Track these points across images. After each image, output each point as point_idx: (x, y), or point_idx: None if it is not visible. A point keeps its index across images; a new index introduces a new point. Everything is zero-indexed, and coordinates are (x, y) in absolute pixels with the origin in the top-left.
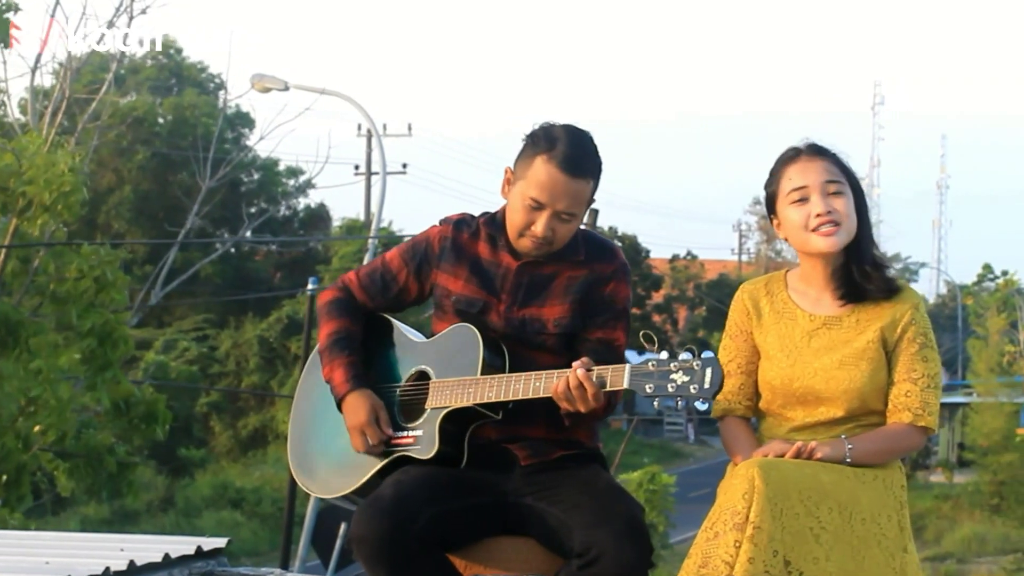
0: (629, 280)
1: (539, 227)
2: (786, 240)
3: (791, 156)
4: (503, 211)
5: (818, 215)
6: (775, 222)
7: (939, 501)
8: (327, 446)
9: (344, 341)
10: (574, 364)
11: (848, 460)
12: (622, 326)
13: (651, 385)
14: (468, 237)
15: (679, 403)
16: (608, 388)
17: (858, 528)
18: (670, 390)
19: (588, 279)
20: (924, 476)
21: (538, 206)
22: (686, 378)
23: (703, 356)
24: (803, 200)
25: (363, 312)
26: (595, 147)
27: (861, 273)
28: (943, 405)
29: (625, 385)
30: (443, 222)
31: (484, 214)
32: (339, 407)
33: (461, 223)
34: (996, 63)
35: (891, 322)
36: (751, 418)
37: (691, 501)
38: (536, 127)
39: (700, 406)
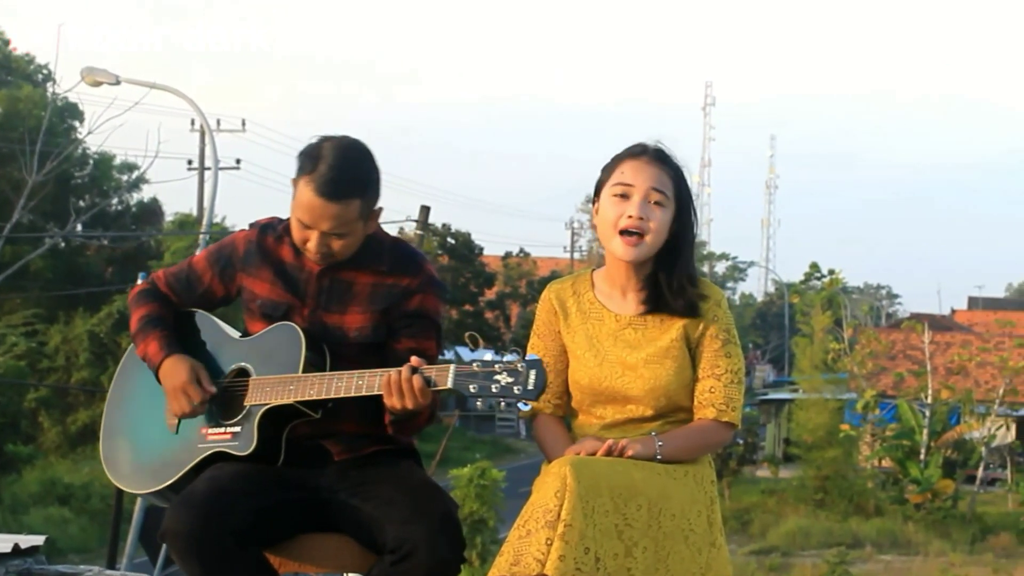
0: (438, 291)
1: (311, 245)
2: (593, 229)
3: (635, 152)
4: None
5: (630, 216)
6: (595, 207)
7: (765, 496)
8: (144, 442)
9: (156, 320)
10: (412, 360)
11: (659, 457)
12: (434, 336)
13: (475, 385)
14: (273, 241)
15: (502, 403)
16: (433, 388)
17: (666, 524)
18: (494, 390)
19: (392, 291)
20: (751, 471)
21: (306, 226)
22: (510, 379)
23: (528, 358)
24: (624, 197)
25: (172, 304)
26: (364, 164)
27: (672, 289)
28: (770, 401)
29: (449, 385)
30: (251, 226)
31: (289, 219)
32: (156, 376)
33: (267, 227)
34: (824, 67)
35: (694, 319)
36: (563, 416)
37: (521, 496)
38: (311, 141)
39: (523, 407)
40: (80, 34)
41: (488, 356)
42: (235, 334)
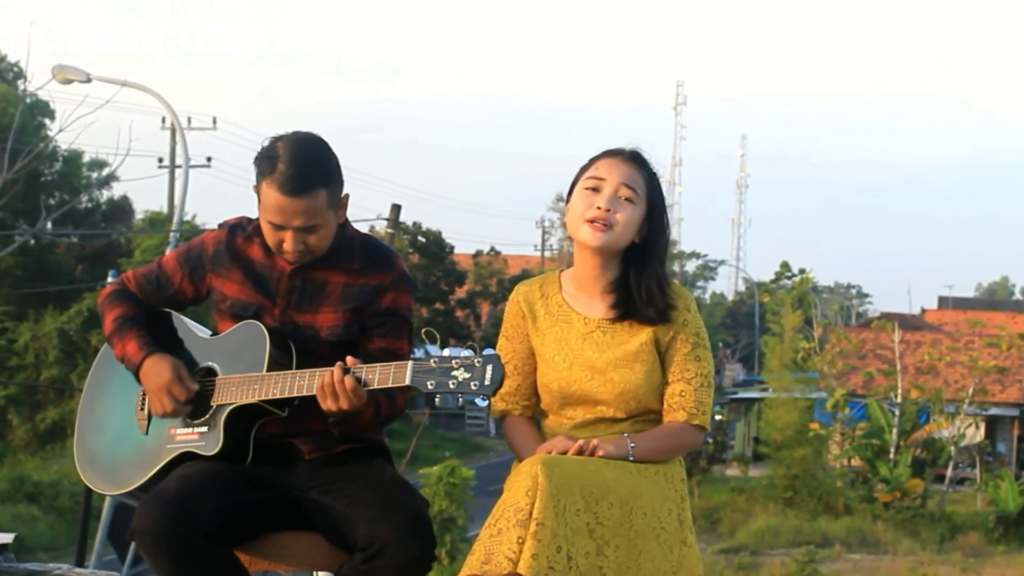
0: (409, 288)
1: (287, 245)
2: (564, 227)
3: (612, 152)
4: None
5: (598, 208)
6: (567, 205)
7: (734, 494)
8: (114, 443)
9: (132, 320)
10: (347, 360)
11: (631, 458)
12: (406, 335)
13: (432, 382)
14: (243, 241)
15: (460, 399)
16: (391, 384)
17: (637, 522)
18: (451, 386)
19: (364, 289)
20: (720, 470)
21: (278, 227)
22: (467, 375)
23: (484, 353)
24: (595, 190)
25: (143, 304)
26: (321, 154)
27: (642, 295)
28: (740, 400)
29: (407, 382)
30: (220, 226)
31: (259, 218)
32: (137, 375)
33: (236, 227)
34: (796, 67)
35: (664, 323)
36: (533, 417)
37: (491, 495)
38: (264, 144)
39: (480, 402)
40: (52, 32)
41: (446, 352)
42: (204, 333)
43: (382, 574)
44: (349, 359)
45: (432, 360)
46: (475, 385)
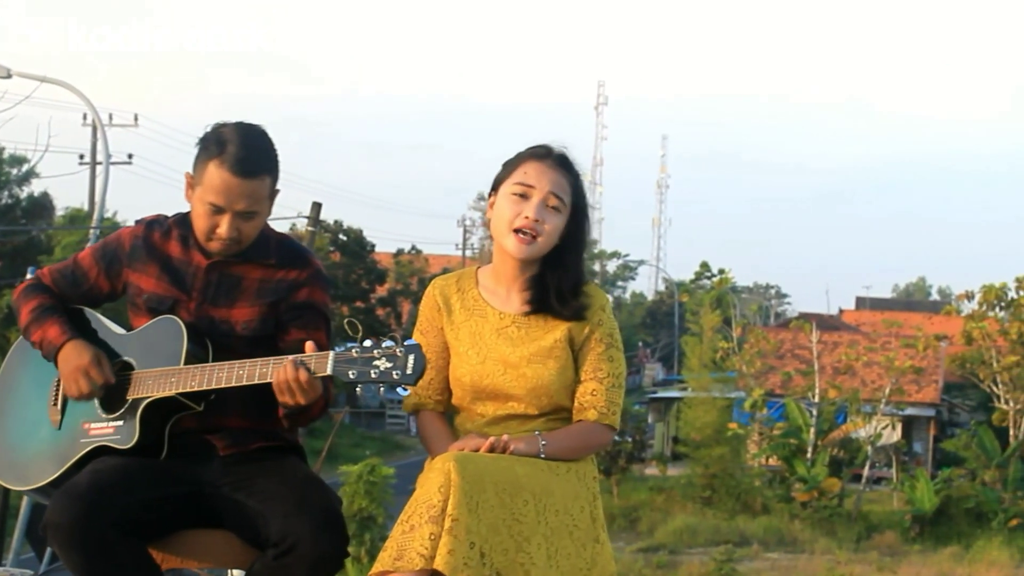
0: (325, 285)
1: (223, 229)
2: (487, 225)
3: (539, 154)
4: None
5: (526, 217)
6: (491, 200)
7: (653, 493)
8: (26, 438)
9: (51, 309)
10: (290, 358)
11: (543, 456)
12: (324, 328)
13: (354, 371)
14: (160, 236)
15: (381, 389)
16: (314, 376)
17: (552, 519)
18: (373, 376)
19: (280, 285)
20: (639, 469)
21: (218, 210)
22: (389, 364)
23: (406, 343)
24: (523, 197)
25: (60, 298)
26: (268, 142)
27: (558, 295)
28: (659, 400)
29: (328, 371)
30: (137, 223)
31: (176, 214)
32: (56, 358)
33: (153, 223)
34: (716, 68)
35: (578, 322)
36: (445, 412)
37: (410, 493)
38: (207, 129)
39: (402, 392)
40: None
41: (368, 343)
42: (119, 330)
43: (294, 570)
44: (309, 344)
45: (353, 350)
46: (397, 374)
